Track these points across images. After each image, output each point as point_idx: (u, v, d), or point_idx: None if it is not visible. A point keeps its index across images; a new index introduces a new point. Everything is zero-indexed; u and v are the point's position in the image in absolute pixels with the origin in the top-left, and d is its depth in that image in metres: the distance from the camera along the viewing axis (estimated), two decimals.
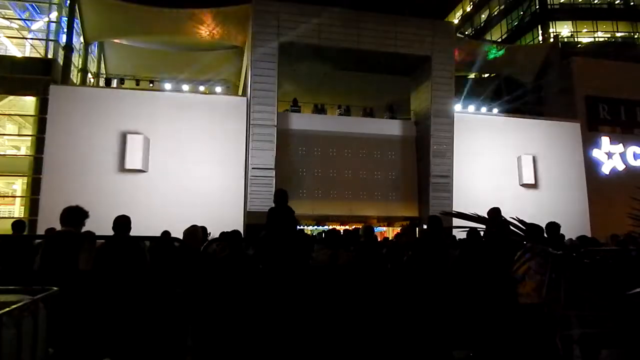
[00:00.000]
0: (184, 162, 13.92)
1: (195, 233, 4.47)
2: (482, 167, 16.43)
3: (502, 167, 16.78)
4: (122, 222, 4.18)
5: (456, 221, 5.41)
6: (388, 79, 17.60)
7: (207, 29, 15.90)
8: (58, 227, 3.86)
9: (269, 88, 14.24)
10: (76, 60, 16.28)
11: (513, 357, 4.27)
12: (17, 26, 16.26)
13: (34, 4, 15.84)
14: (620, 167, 18.40)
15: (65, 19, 14.97)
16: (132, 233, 4.30)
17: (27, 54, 15.95)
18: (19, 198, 14.67)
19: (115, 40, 17.96)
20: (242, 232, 5.75)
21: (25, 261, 4.20)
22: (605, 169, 18.26)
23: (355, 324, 4.37)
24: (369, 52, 15.51)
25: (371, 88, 17.59)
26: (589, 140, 18.23)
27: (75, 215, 3.77)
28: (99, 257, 3.90)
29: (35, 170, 13.28)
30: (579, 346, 4.22)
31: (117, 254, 4.00)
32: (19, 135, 15.99)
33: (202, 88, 16.26)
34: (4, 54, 15.63)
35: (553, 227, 4.84)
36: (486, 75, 22.56)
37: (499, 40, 28.35)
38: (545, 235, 4.55)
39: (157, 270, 4.22)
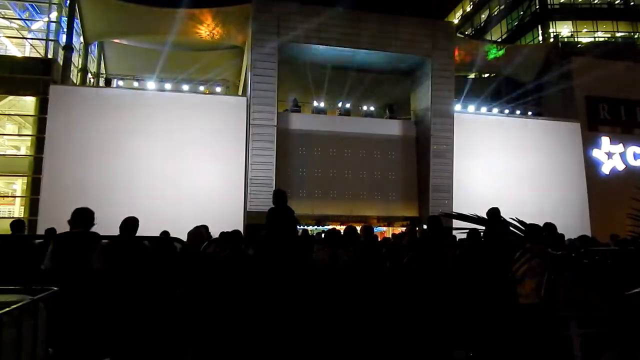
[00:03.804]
0: (184, 162, 13.92)
1: (199, 234, 4.46)
2: (481, 167, 16.42)
3: (501, 167, 16.77)
4: (130, 224, 4.21)
5: (456, 223, 5.42)
6: (388, 79, 17.61)
7: (207, 29, 15.91)
8: (58, 227, 3.86)
9: (269, 88, 14.26)
10: (76, 60, 16.27)
11: (513, 357, 4.27)
12: (17, 26, 16.27)
13: (34, 4, 15.84)
14: (620, 167, 18.39)
15: (65, 19, 14.97)
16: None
17: (27, 54, 15.96)
18: (19, 198, 14.68)
19: (115, 40, 17.95)
20: (242, 232, 5.74)
21: (24, 261, 4.19)
22: (605, 169, 18.26)
23: (355, 324, 4.37)
24: (368, 52, 15.49)
25: (371, 88, 17.59)
26: (589, 140, 18.23)
27: (85, 216, 3.79)
28: (106, 258, 3.90)
29: (35, 170, 13.29)
30: (579, 346, 4.21)
31: (123, 255, 4.00)
32: (19, 135, 16.00)
33: (202, 88, 16.25)
34: (4, 54, 15.63)
35: (549, 227, 4.85)
36: (486, 75, 22.54)
37: (499, 40, 28.32)
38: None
39: (157, 270, 4.21)
